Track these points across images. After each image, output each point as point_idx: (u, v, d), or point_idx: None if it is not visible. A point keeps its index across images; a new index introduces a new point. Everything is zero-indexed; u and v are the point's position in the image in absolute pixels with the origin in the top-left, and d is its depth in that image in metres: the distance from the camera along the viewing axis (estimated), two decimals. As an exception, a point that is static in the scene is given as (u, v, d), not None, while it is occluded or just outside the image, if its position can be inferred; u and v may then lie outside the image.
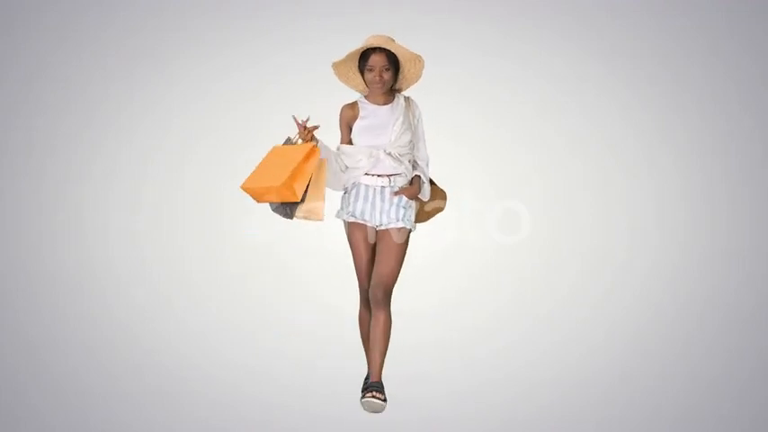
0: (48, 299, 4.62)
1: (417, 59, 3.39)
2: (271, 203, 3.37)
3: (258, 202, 3.36)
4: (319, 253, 4.64)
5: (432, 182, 3.61)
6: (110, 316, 4.46)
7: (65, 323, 4.36)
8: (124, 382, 3.65)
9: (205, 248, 4.99)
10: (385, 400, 3.35)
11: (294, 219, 3.37)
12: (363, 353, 3.57)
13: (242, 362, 3.92)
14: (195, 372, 3.78)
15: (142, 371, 3.79)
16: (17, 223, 4.98)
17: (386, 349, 3.43)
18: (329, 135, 3.46)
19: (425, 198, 3.54)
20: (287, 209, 3.35)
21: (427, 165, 3.55)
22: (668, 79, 5.09)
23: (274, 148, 3.41)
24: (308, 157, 3.30)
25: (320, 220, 3.35)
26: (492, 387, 3.62)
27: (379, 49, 3.36)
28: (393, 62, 3.39)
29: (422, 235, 3.59)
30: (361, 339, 3.59)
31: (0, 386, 3.59)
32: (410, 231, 3.47)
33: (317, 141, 3.36)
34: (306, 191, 3.32)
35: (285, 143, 3.42)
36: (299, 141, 3.38)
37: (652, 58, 5.08)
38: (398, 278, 3.44)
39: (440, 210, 3.65)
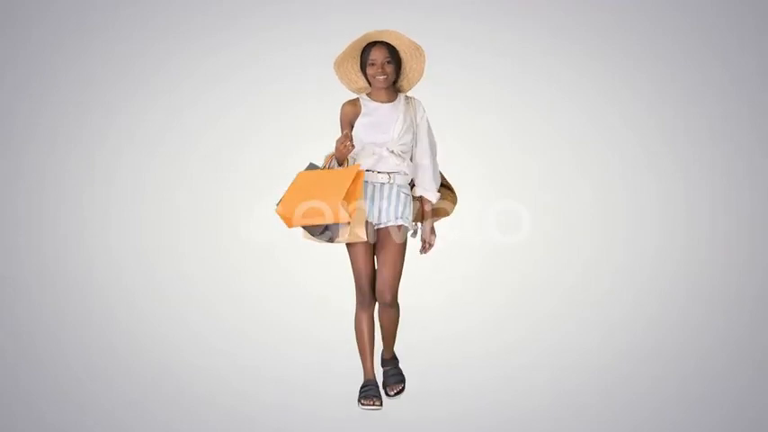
0: (48, 299, 4.63)
1: (418, 52, 3.40)
2: (309, 229, 3.33)
3: (292, 226, 3.31)
4: (319, 253, 4.64)
5: (443, 184, 3.60)
6: (109, 316, 4.46)
7: (65, 323, 4.37)
8: (124, 383, 3.66)
9: (205, 248, 4.99)
10: (380, 403, 3.36)
11: (336, 242, 3.32)
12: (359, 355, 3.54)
13: (242, 362, 3.93)
14: (195, 372, 3.79)
15: (142, 371, 3.80)
16: (17, 223, 4.98)
17: (396, 333, 3.59)
18: (329, 136, 3.46)
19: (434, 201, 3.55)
20: (330, 233, 3.30)
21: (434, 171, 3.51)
22: (668, 79, 5.09)
23: (305, 173, 3.36)
24: (356, 179, 3.29)
25: (365, 240, 3.32)
26: (492, 386, 3.62)
27: (380, 42, 3.38)
28: (394, 56, 3.40)
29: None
30: (356, 343, 3.53)
31: (0, 386, 3.61)
32: (407, 230, 3.45)
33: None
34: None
35: (309, 168, 3.39)
36: (335, 165, 3.36)
37: (652, 58, 5.08)
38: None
39: (443, 212, 3.62)
